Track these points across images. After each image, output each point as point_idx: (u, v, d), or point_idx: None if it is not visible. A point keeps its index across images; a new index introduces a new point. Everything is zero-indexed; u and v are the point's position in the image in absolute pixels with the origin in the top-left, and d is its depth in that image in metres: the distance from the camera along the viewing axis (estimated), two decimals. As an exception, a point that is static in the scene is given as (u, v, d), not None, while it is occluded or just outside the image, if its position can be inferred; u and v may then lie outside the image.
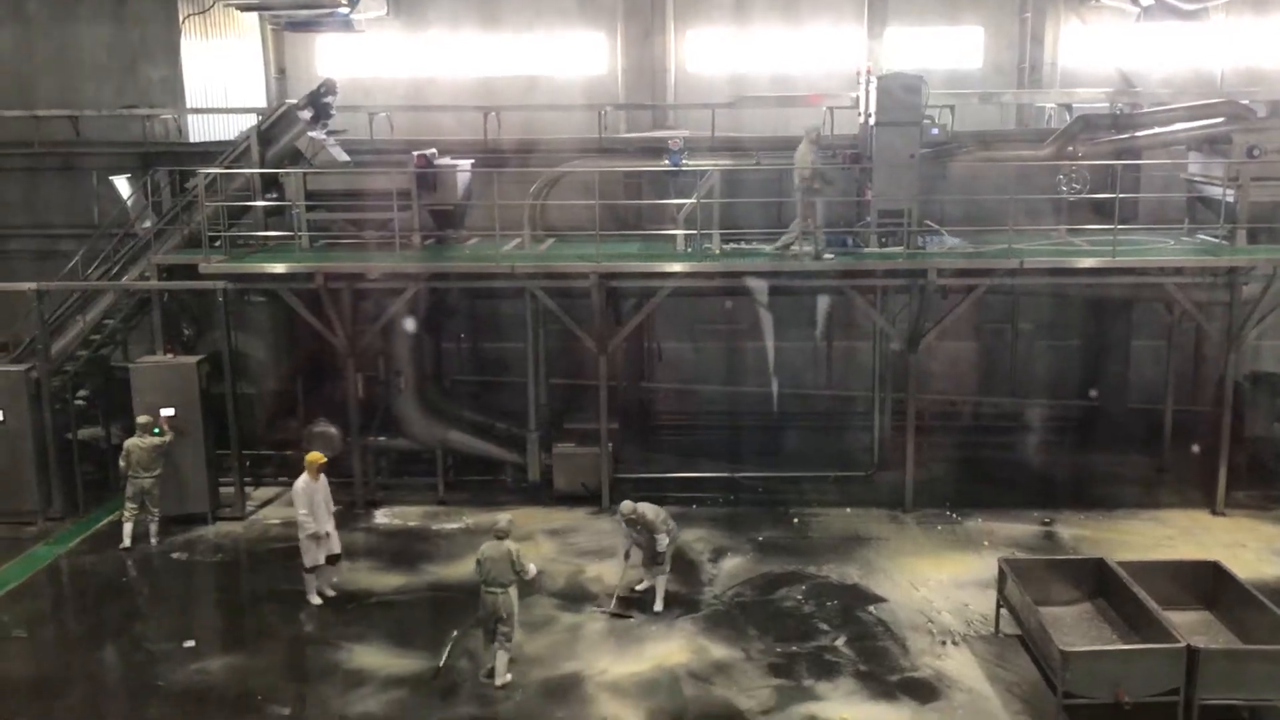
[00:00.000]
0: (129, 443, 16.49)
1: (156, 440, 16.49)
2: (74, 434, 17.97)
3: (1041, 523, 16.97)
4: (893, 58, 20.87)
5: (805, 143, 16.55)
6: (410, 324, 17.90)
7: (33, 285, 17.38)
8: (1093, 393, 20.59)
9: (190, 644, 13.66)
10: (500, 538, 12.49)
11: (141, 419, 16.55)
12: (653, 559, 14.26)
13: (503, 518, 12.78)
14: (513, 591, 12.50)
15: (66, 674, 13.21)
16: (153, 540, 16.62)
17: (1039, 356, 21.27)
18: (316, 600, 14.61)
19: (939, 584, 14.98)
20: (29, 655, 13.65)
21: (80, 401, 18.39)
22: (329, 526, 14.58)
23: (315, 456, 14.62)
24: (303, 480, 14.38)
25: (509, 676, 12.52)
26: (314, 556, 14.52)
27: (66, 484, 17.76)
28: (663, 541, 14.07)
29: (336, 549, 14.86)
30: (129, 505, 16.48)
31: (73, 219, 20.66)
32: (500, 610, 12.40)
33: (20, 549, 16.47)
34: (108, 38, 20.74)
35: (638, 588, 14.54)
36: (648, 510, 14.12)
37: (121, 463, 16.45)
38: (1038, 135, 19.52)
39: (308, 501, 14.33)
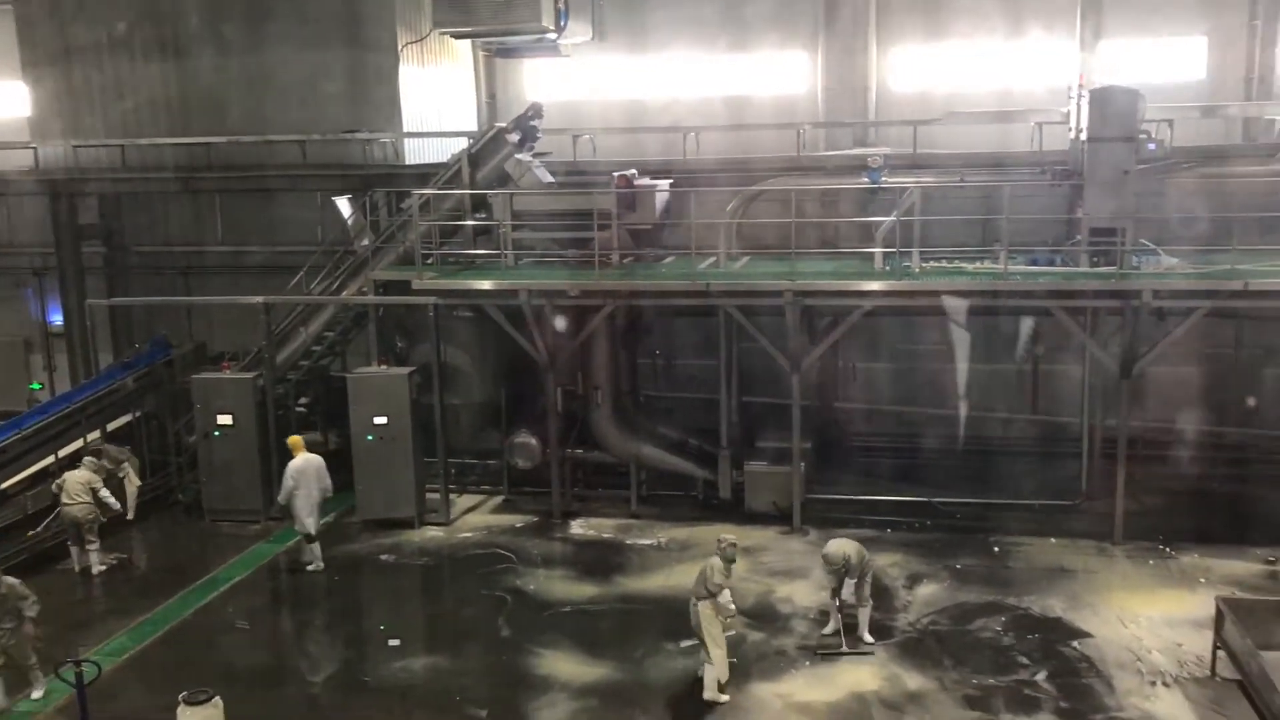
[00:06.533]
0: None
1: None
2: (295, 439, 19.08)
3: (1266, 561, 15.87)
4: (1107, 71, 20.01)
5: None
6: (608, 340, 18.25)
7: (260, 299, 18.63)
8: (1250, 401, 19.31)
9: (395, 642, 14.32)
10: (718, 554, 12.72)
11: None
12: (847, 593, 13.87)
13: (727, 537, 12.83)
14: (702, 607, 12.54)
15: (282, 665, 14.08)
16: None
17: (1267, 383, 19.93)
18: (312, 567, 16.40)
19: (1149, 621, 14.21)
20: (249, 646, 14.59)
21: (301, 408, 19.51)
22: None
23: (295, 440, 16.69)
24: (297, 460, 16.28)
25: (721, 695, 12.50)
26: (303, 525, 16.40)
27: (287, 486, 18.87)
28: (847, 589, 13.68)
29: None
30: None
31: (298, 237, 22.00)
32: (693, 620, 12.62)
33: (243, 546, 17.55)
34: (333, 65, 21.69)
35: (825, 630, 14.17)
36: (841, 551, 13.68)
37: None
38: (1268, 150, 18.36)
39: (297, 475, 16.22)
